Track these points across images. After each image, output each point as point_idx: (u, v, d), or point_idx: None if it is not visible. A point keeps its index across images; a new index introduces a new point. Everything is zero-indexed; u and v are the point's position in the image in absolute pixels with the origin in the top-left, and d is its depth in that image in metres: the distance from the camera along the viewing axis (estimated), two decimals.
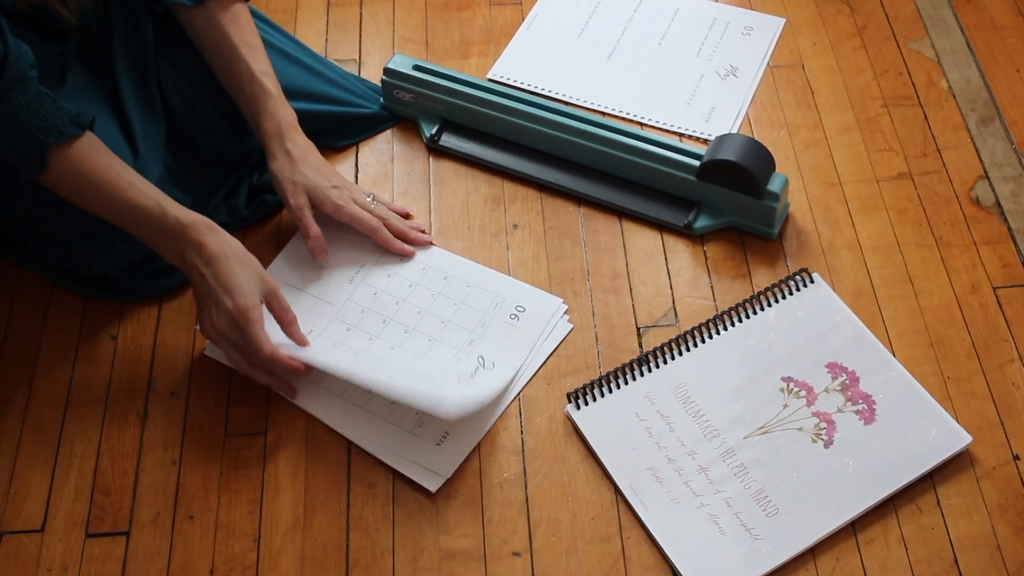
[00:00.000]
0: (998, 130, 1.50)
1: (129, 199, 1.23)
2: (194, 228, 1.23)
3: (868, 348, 1.29)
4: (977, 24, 1.62)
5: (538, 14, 1.68)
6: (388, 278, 1.37)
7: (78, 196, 1.23)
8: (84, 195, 1.23)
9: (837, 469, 1.20)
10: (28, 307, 1.37)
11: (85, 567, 1.18)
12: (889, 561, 1.16)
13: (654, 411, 1.25)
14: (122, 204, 1.23)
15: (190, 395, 1.29)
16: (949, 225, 1.41)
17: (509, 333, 1.31)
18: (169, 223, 1.23)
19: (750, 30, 1.64)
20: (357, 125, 1.52)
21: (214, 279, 1.22)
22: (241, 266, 1.23)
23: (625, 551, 1.17)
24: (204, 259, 1.22)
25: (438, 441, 1.24)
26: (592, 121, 1.45)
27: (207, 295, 1.23)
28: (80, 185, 1.22)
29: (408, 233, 1.39)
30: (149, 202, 1.23)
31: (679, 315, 1.34)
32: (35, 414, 1.28)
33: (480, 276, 1.37)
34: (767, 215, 1.38)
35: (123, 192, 1.23)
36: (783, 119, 1.53)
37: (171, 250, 1.24)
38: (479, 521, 1.20)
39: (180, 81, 1.37)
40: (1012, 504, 1.19)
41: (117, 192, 1.22)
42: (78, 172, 1.21)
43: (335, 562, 1.18)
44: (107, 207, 1.23)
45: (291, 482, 1.23)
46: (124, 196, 1.23)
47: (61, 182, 1.22)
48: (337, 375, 1.24)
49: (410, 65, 1.50)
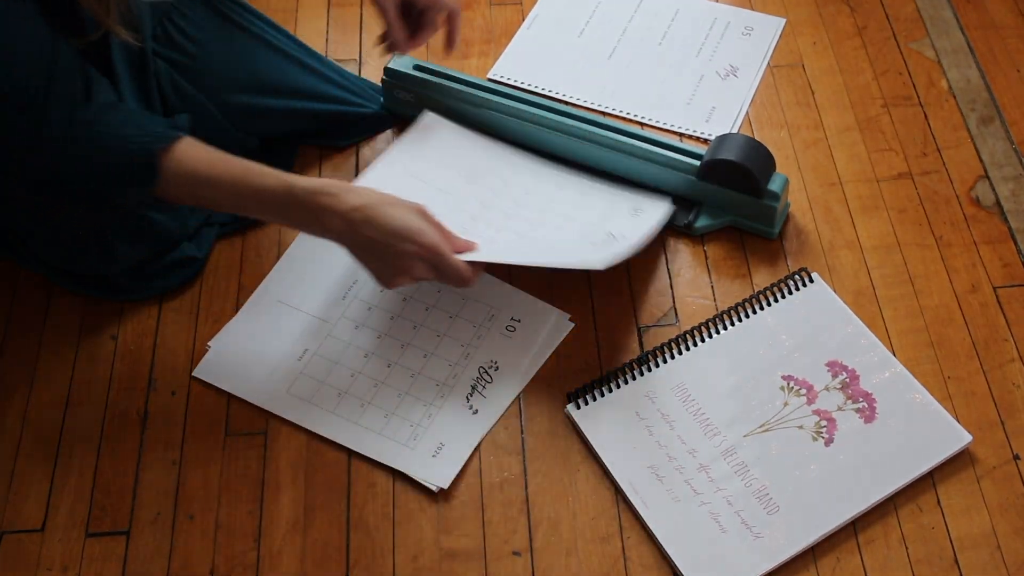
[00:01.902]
0: (998, 130, 1.51)
1: (252, 184, 1.19)
2: (324, 194, 1.18)
3: (868, 347, 1.29)
4: (977, 24, 1.63)
5: (538, 14, 1.68)
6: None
7: (196, 197, 1.20)
8: (202, 194, 1.19)
9: (838, 467, 1.20)
10: (28, 307, 1.37)
11: (85, 567, 1.18)
12: (889, 560, 1.16)
13: (655, 410, 1.25)
14: (246, 191, 1.19)
15: (190, 395, 1.29)
16: (949, 225, 1.41)
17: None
18: (300, 196, 1.18)
19: (750, 30, 1.64)
20: (357, 125, 1.52)
21: (380, 232, 1.18)
22: (394, 207, 1.19)
23: (625, 550, 1.17)
24: (363, 219, 1.17)
25: (433, 453, 1.24)
26: (592, 121, 1.45)
27: (383, 251, 1.18)
28: (196, 185, 1.18)
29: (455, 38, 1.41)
30: (273, 181, 1.19)
31: (679, 315, 1.34)
32: (35, 414, 1.28)
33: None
34: (767, 215, 1.38)
35: (244, 180, 1.19)
36: (783, 119, 1.53)
37: (309, 222, 1.20)
38: (479, 521, 1.20)
39: (179, 81, 1.37)
40: (1012, 504, 1.19)
41: (237, 182, 1.19)
42: (191, 172, 1.18)
43: (335, 562, 1.18)
44: (230, 199, 1.20)
45: (291, 482, 1.23)
46: (246, 183, 1.19)
47: (176, 186, 1.18)
48: (500, 261, 1.26)
49: (410, 65, 1.50)
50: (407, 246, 1.18)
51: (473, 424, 1.26)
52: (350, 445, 1.25)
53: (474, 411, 1.27)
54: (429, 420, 1.26)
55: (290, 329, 1.33)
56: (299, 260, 1.40)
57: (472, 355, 1.31)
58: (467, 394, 1.28)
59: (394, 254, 1.18)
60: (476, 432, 1.25)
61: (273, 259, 1.40)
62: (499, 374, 1.29)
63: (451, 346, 1.32)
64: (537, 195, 1.41)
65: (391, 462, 1.23)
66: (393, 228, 1.18)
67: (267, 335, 1.33)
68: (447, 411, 1.27)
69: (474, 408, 1.27)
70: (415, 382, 1.29)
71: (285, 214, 1.20)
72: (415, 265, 1.19)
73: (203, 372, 1.30)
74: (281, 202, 1.19)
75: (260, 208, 1.21)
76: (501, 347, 1.31)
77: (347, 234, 1.19)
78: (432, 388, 1.29)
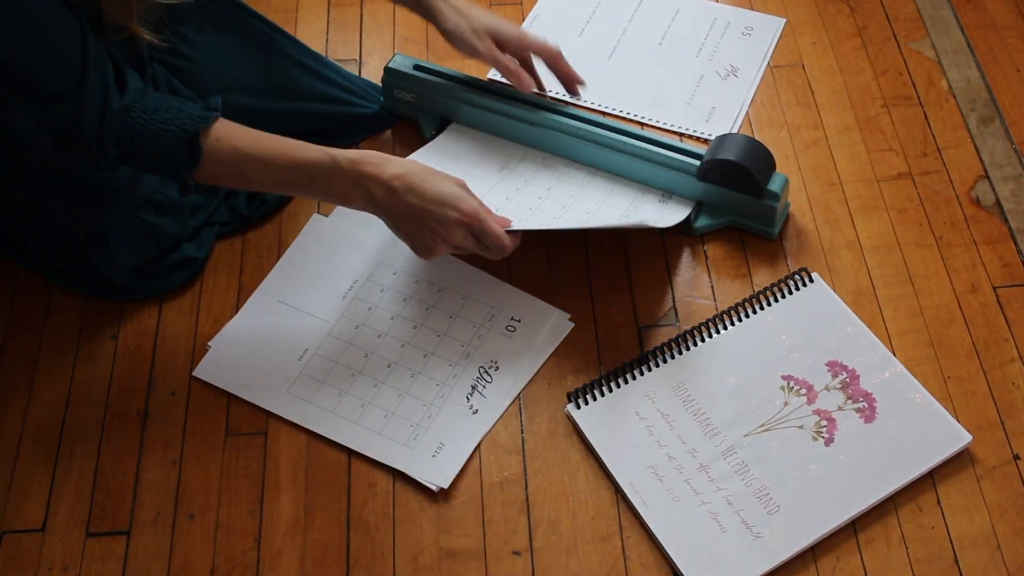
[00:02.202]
0: (998, 130, 1.51)
1: (296, 158, 1.21)
2: (368, 163, 1.21)
3: (868, 347, 1.29)
4: (977, 24, 1.63)
5: (538, 14, 1.68)
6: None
7: (241, 175, 1.21)
8: (247, 171, 1.20)
9: (838, 467, 1.20)
10: (28, 307, 1.37)
11: (86, 566, 1.18)
12: (889, 560, 1.16)
13: (654, 410, 1.25)
14: (290, 165, 1.20)
15: (190, 395, 1.29)
16: (949, 225, 1.41)
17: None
18: (345, 166, 1.20)
19: (750, 30, 1.64)
20: (357, 125, 1.52)
21: (423, 200, 1.21)
22: (435, 176, 1.23)
23: (625, 550, 1.17)
24: (404, 187, 1.20)
25: (433, 452, 1.24)
26: (592, 121, 1.45)
27: (424, 219, 1.21)
28: (240, 162, 1.20)
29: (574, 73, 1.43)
30: (316, 153, 1.21)
31: (679, 315, 1.34)
32: (35, 414, 1.28)
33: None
34: (767, 215, 1.38)
35: (287, 154, 1.21)
36: (783, 119, 1.53)
37: (350, 192, 1.22)
38: (479, 521, 1.20)
39: (176, 83, 1.37)
40: (1012, 503, 1.19)
41: (281, 156, 1.20)
42: (233, 150, 1.19)
43: (335, 561, 1.18)
44: (274, 174, 1.21)
45: (291, 482, 1.23)
46: (290, 157, 1.21)
47: (220, 165, 1.20)
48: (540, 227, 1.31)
49: (410, 65, 1.50)
50: (448, 212, 1.21)
51: (473, 424, 1.26)
52: (350, 445, 1.25)
53: (474, 411, 1.27)
54: (429, 420, 1.26)
55: (290, 329, 1.33)
56: (299, 260, 1.40)
57: (472, 355, 1.31)
58: (467, 394, 1.28)
59: (436, 220, 1.21)
60: (476, 432, 1.25)
61: (273, 259, 1.40)
62: (499, 374, 1.29)
63: (451, 346, 1.32)
64: (569, 183, 1.43)
65: (391, 462, 1.23)
66: (435, 194, 1.21)
67: (267, 335, 1.33)
68: (447, 411, 1.27)
69: (474, 408, 1.27)
70: (415, 382, 1.29)
71: (327, 185, 1.22)
72: (455, 232, 1.22)
73: (203, 372, 1.30)
74: (326, 173, 1.21)
75: (303, 180, 1.22)
76: (501, 347, 1.31)
77: (388, 202, 1.21)
78: (432, 388, 1.29)
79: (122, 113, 1.16)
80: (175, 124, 1.18)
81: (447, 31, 1.38)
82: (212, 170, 1.20)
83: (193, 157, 1.19)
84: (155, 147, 1.18)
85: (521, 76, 1.40)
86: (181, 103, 1.20)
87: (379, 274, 1.38)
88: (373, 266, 1.38)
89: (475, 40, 1.37)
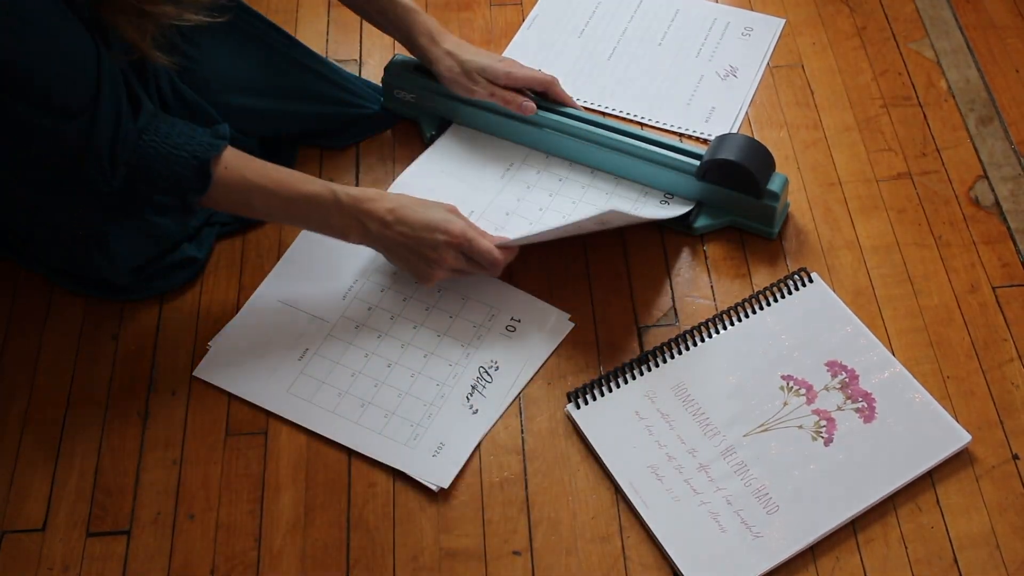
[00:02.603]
0: (997, 130, 1.51)
1: (300, 191, 1.25)
2: (366, 199, 1.26)
3: (867, 347, 1.29)
4: (977, 24, 1.63)
5: (538, 14, 1.68)
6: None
7: (246, 204, 1.25)
8: (253, 200, 1.24)
9: (837, 467, 1.20)
10: (28, 307, 1.37)
11: (86, 566, 1.18)
12: (889, 560, 1.16)
13: (654, 410, 1.25)
14: (294, 198, 1.25)
15: (190, 395, 1.29)
16: (948, 225, 1.41)
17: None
18: (344, 201, 1.26)
19: (750, 30, 1.64)
20: (357, 125, 1.52)
21: (414, 228, 1.26)
22: (424, 205, 1.28)
23: (625, 550, 1.17)
24: (395, 219, 1.26)
25: (434, 452, 1.24)
26: (592, 121, 1.45)
27: (417, 247, 1.27)
28: (246, 191, 1.23)
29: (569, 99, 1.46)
30: (319, 188, 1.26)
31: (679, 315, 1.34)
32: (36, 414, 1.28)
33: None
34: (767, 215, 1.38)
35: (292, 186, 1.25)
36: (783, 119, 1.53)
37: (351, 228, 1.27)
38: (479, 520, 1.20)
39: (177, 84, 1.37)
40: (1012, 503, 1.19)
41: (285, 188, 1.25)
42: (241, 179, 1.23)
43: (336, 561, 1.18)
44: (278, 205, 1.25)
45: (291, 481, 1.23)
46: (294, 189, 1.25)
47: (227, 192, 1.23)
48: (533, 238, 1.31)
49: (410, 65, 1.50)
50: (438, 236, 1.26)
51: (473, 424, 1.26)
52: (350, 445, 1.25)
53: (474, 411, 1.27)
54: (429, 420, 1.26)
55: (290, 329, 1.34)
56: (299, 260, 1.40)
57: (472, 355, 1.31)
58: (467, 394, 1.28)
59: (427, 245, 1.26)
60: (476, 432, 1.25)
61: (273, 259, 1.40)
62: (499, 374, 1.30)
63: (451, 346, 1.32)
64: (572, 183, 1.44)
65: (391, 462, 1.23)
66: (424, 222, 1.26)
67: (267, 335, 1.33)
68: (447, 411, 1.27)
69: (474, 408, 1.27)
70: (415, 382, 1.29)
71: (326, 219, 1.27)
72: (447, 254, 1.27)
73: (203, 372, 1.30)
74: (326, 207, 1.26)
75: (305, 215, 1.26)
76: (501, 347, 1.32)
77: (382, 235, 1.27)
78: (432, 388, 1.29)
79: (135, 134, 1.18)
80: (186, 150, 1.20)
81: (441, 75, 1.43)
82: (219, 197, 1.23)
83: (203, 184, 1.21)
84: (165, 171, 1.20)
85: (520, 101, 1.43)
86: (191, 128, 1.22)
87: (379, 274, 1.38)
88: (373, 266, 1.38)
89: (469, 82, 1.42)
